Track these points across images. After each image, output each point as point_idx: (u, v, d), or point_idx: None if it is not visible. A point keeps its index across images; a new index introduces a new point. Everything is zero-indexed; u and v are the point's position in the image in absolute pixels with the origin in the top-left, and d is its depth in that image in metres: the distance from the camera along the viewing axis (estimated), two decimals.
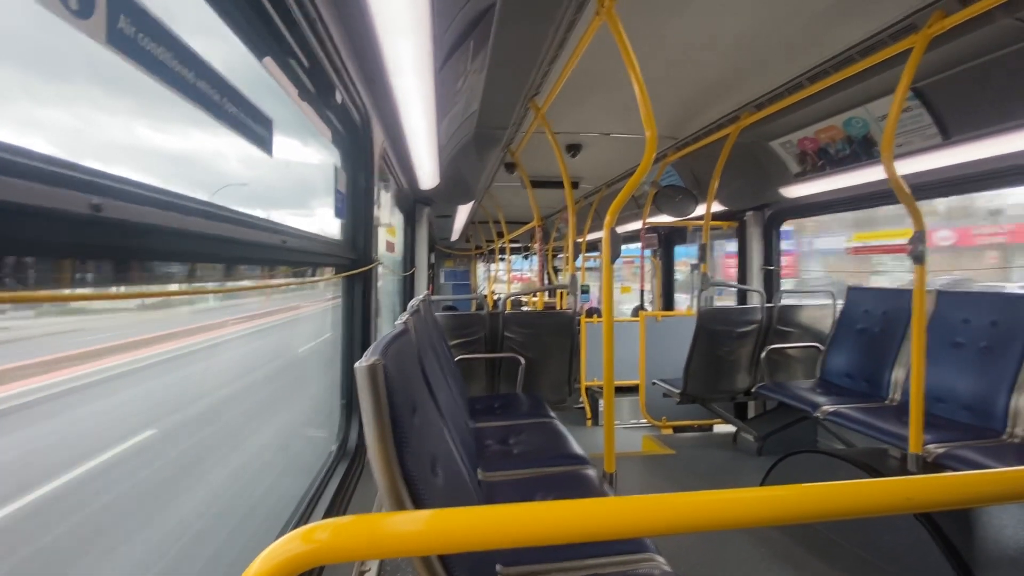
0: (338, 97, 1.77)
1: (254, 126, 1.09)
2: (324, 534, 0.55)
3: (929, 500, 0.66)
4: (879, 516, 2.29)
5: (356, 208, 2.22)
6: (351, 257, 2.15)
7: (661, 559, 1.44)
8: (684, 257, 6.38)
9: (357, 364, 0.83)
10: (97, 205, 0.64)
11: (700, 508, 0.61)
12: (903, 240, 2.26)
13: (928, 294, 2.82)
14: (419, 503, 0.85)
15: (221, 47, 1.04)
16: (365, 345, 2.19)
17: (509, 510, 0.58)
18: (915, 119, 2.63)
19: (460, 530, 0.57)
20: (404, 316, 1.57)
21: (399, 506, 0.83)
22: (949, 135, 2.57)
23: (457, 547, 0.58)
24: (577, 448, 2.30)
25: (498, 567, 1.41)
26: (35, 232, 0.59)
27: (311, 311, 2.68)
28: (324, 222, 2.09)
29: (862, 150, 3.06)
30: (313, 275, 2.10)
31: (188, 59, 0.80)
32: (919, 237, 2.17)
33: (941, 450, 2.25)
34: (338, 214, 2.03)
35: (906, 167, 2.72)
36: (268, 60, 1.31)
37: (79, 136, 0.96)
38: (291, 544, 0.54)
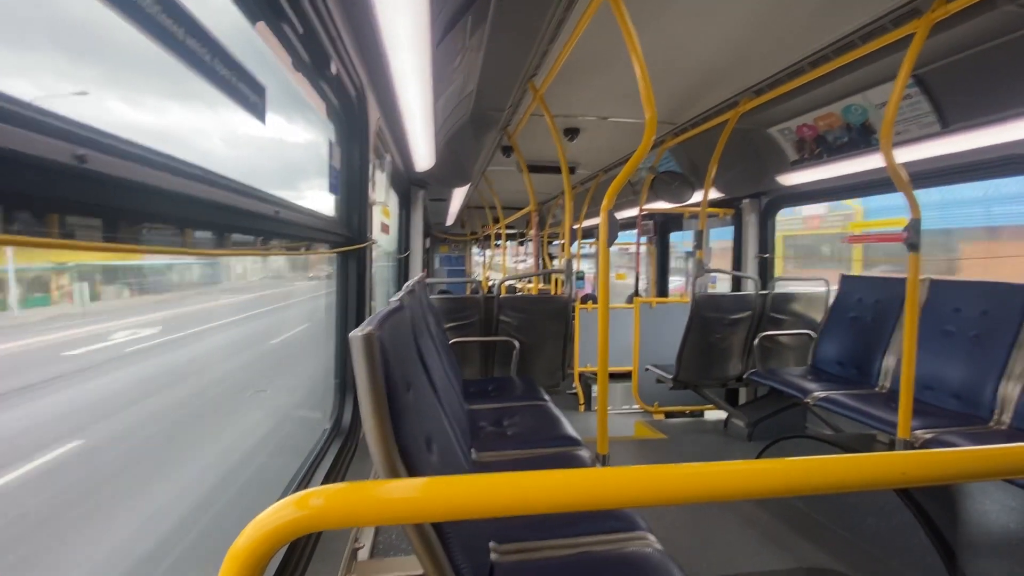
0: (333, 68, 1.73)
1: (247, 92, 1.05)
2: (318, 500, 0.54)
3: (924, 475, 0.65)
4: (871, 491, 2.32)
5: (351, 185, 2.18)
6: (345, 234, 2.12)
7: (653, 538, 1.45)
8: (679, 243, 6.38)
9: (352, 334, 0.81)
10: (82, 156, 0.62)
11: (691, 480, 0.60)
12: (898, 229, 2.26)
13: (921, 283, 2.84)
14: (414, 475, 0.85)
15: (213, 7, 1.00)
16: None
17: (503, 478, 0.57)
18: (914, 106, 2.62)
19: (455, 497, 0.56)
20: (399, 295, 1.56)
21: (394, 476, 0.82)
22: (948, 123, 2.56)
23: (452, 515, 0.58)
24: (571, 430, 2.30)
25: (491, 544, 1.41)
26: (16, 180, 0.57)
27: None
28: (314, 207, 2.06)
29: (860, 137, 3.05)
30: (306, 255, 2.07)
31: (177, 14, 0.76)
32: (915, 225, 2.18)
33: (929, 436, 2.28)
34: (332, 190, 1.99)
35: (904, 155, 2.72)
36: (261, 25, 1.27)
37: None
38: (285, 510, 0.53)
